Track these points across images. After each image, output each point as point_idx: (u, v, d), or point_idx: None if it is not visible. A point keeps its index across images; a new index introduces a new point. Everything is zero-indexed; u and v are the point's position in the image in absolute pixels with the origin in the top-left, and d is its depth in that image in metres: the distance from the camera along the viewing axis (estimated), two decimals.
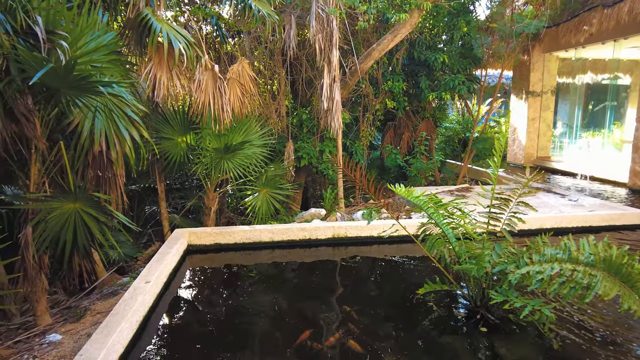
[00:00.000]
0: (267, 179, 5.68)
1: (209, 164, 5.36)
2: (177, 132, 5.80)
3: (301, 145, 7.17)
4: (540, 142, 12.42)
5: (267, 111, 7.21)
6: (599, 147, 13.10)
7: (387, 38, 6.94)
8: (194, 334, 3.16)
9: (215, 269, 4.53)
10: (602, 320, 3.25)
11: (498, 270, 2.95)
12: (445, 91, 8.57)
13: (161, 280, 3.80)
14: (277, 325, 3.26)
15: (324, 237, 5.07)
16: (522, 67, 12.08)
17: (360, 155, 8.40)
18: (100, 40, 3.68)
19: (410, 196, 3.24)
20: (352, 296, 3.85)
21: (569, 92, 13.36)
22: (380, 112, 8.95)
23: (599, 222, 5.70)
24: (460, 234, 3.31)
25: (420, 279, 4.02)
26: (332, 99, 6.05)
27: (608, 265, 2.44)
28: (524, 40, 9.02)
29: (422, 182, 8.56)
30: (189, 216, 7.53)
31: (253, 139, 5.58)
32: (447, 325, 3.19)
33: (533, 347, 2.85)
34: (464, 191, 7.22)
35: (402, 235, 3.92)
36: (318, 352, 2.86)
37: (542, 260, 2.72)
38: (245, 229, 4.92)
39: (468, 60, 9.11)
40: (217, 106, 5.11)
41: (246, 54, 7.54)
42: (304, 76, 7.68)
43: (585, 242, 2.74)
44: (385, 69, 8.87)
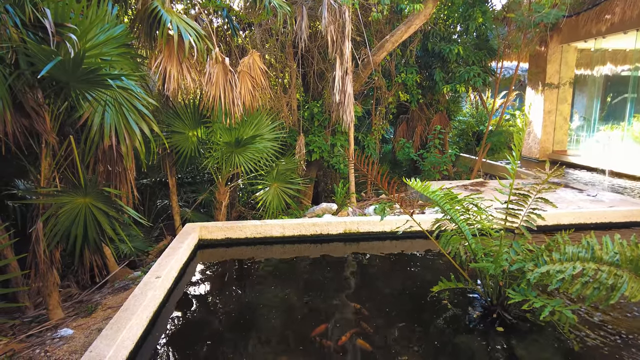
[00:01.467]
0: (278, 173, 5.62)
1: (220, 158, 5.32)
2: (188, 126, 5.77)
3: (312, 139, 7.09)
4: (556, 136, 12.14)
5: (278, 104, 7.14)
6: (618, 140, 12.75)
7: (400, 29, 6.79)
8: (204, 329, 3.13)
9: (226, 263, 4.50)
10: (626, 322, 3.12)
11: (516, 269, 2.85)
12: (460, 83, 8.39)
13: (172, 275, 3.78)
14: (288, 321, 3.22)
15: (336, 233, 5.00)
16: (539, 59, 11.78)
17: (373, 149, 8.29)
18: (109, 33, 3.64)
19: (427, 191, 3.14)
20: (364, 293, 3.78)
21: (586, 84, 13.01)
22: (393, 105, 8.81)
23: (620, 219, 5.53)
24: (476, 230, 3.21)
25: (434, 276, 3.93)
26: (344, 92, 5.95)
27: (635, 265, 2.32)
28: (542, 30, 8.78)
29: (436, 176, 8.42)
30: (201, 210, 7.53)
31: (264, 132, 5.52)
32: (462, 324, 3.10)
33: (552, 348, 2.75)
34: (479, 186, 7.07)
35: (416, 231, 3.83)
36: (328, 350, 2.80)
37: (563, 259, 2.62)
38: (256, 224, 4.87)
39: (483, 51, 8.90)
40: (228, 100, 5.05)
41: (257, 46, 7.46)
42: (315, 69, 7.57)
43: (609, 240, 2.62)
44: (398, 61, 8.72)
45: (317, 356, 2.76)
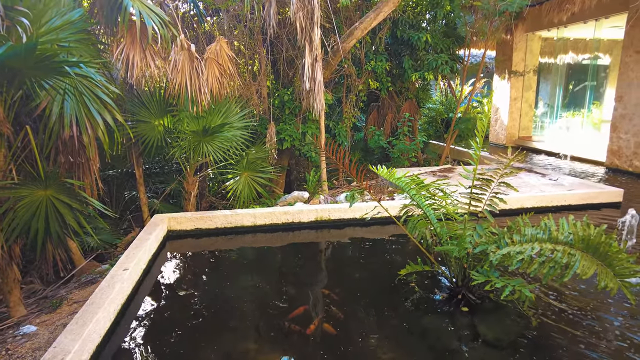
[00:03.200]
0: (248, 162, 5.57)
1: (187, 147, 5.22)
2: (154, 115, 5.62)
3: (283, 127, 7.04)
4: (522, 122, 12.52)
5: (247, 92, 7.04)
6: (579, 126, 13.29)
7: (369, 16, 6.79)
8: (174, 320, 3.11)
9: (197, 254, 4.46)
10: (579, 298, 3.30)
11: (479, 251, 2.95)
12: (428, 71, 8.49)
13: (140, 267, 3.72)
14: (259, 310, 3.23)
15: (307, 220, 5.03)
16: (505, 47, 12.06)
17: (344, 137, 8.33)
18: (66, 17, 3.48)
19: (392, 177, 3.19)
20: (335, 278, 3.84)
21: (550, 72, 13.45)
22: (363, 93, 8.84)
23: (578, 201, 5.79)
24: (441, 214, 3.29)
25: (402, 260, 4.02)
26: (314, 80, 5.92)
27: (586, 244, 2.45)
28: (507, 19, 8.95)
29: (405, 163, 8.55)
30: (170, 201, 7.40)
31: (233, 121, 5.44)
32: (429, 306, 3.20)
33: (513, 325, 2.89)
34: (447, 172, 7.24)
35: (385, 217, 3.91)
36: (299, 336, 2.84)
37: (523, 241, 2.73)
38: (226, 214, 4.83)
39: (451, 39, 9.02)
40: (195, 87, 4.95)
41: (225, 33, 7.30)
42: (285, 56, 7.50)
43: (564, 221, 2.75)
44: (368, 49, 8.73)
45: (288, 343, 2.79)
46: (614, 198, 5.93)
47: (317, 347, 2.73)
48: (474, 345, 2.70)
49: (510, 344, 2.70)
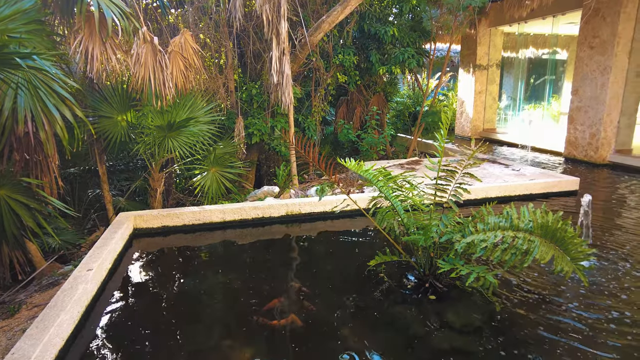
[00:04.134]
0: (215, 158, 5.47)
1: (152, 143, 5.08)
2: (117, 110, 5.44)
3: (252, 121, 6.96)
4: (486, 115, 12.90)
5: (214, 86, 6.91)
6: (539, 119, 13.81)
7: (336, 10, 6.79)
8: (143, 319, 3.04)
9: (165, 252, 4.37)
10: (539, 282, 3.45)
11: (445, 240, 3.03)
12: (395, 65, 8.59)
13: (105, 267, 3.61)
14: (231, 306, 3.21)
15: (278, 215, 5.01)
16: (470, 41, 12.36)
17: (313, 131, 8.33)
18: (17, 6, 3.30)
19: (360, 170, 3.23)
20: (306, 272, 3.85)
21: (513, 66, 13.88)
22: (332, 86, 8.86)
23: (539, 190, 6.04)
24: (409, 206, 3.36)
25: (372, 251, 4.07)
26: (282, 73, 5.88)
27: (545, 231, 2.56)
28: (471, 13, 9.17)
29: (374, 156, 8.65)
30: (136, 199, 7.19)
31: (199, 115, 5.33)
32: (398, 295, 3.26)
33: (478, 311, 2.99)
34: (414, 164, 7.37)
35: (355, 210, 3.94)
36: (271, 330, 2.84)
37: (486, 229, 2.82)
38: (194, 210, 4.75)
39: (417, 33, 9.15)
40: (159, 81, 4.81)
41: (190, 26, 7.13)
42: (252, 49, 7.40)
43: (525, 209, 2.86)
44: (336, 42, 8.73)
45: (259, 338, 2.78)
46: (571, 186, 6.22)
47: (288, 340, 2.74)
48: (442, 332, 2.78)
49: (476, 330, 2.79)
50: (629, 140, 8.71)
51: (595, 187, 6.84)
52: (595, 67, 8.41)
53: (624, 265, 3.76)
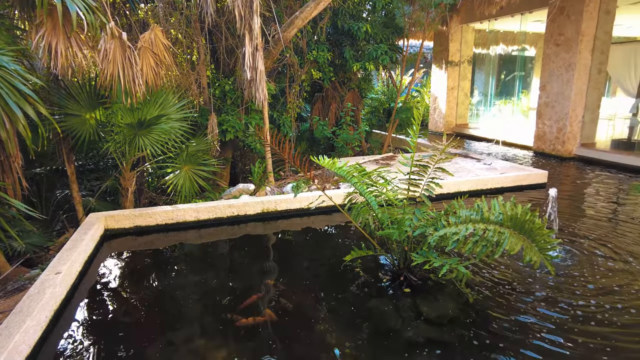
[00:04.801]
0: (188, 155, 5.37)
1: (123, 141, 4.95)
2: (85, 108, 5.27)
3: (225, 118, 6.87)
4: (458, 110, 13.15)
5: (186, 82, 6.77)
6: (510, 114, 14.18)
7: (310, 5, 6.76)
8: (116, 322, 2.97)
9: (138, 253, 4.28)
10: (509, 272, 3.55)
11: (418, 234, 3.08)
12: (369, 61, 8.63)
13: (75, 270, 3.51)
14: (206, 306, 3.17)
15: (253, 213, 4.97)
16: (442, 38, 12.55)
17: (288, 128, 8.29)
18: None
19: (334, 167, 3.24)
20: (283, 269, 3.84)
21: (484, 63, 14.19)
22: (306, 82, 8.83)
23: (510, 183, 6.20)
24: (383, 201, 3.39)
25: (348, 246, 4.10)
26: (255, 69, 5.81)
27: (514, 222, 2.63)
28: (442, 10, 9.30)
29: (350, 152, 8.69)
30: (107, 199, 6.99)
31: (170, 112, 5.22)
32: (374, 289, 3.30)
33: (451, 303, 3.05)
34: (389, 160, 7.45)
35: (331, 206, 3.96)
36: (246, 327, 2.82)
37: (458, 222, 2.88)
38: (167, 209, 4.66)
39: (391, 29, 9.22)
40: (128, 78, 4.68)
41: (160, 21, 6.96)
42: (225, 45, 7.29)
43: (495, 202, 2.93)
44: (310, 38, 8.70)
45: (236, 336, 2.76)
46: (540, 179, 6.42)
47: (265, 337, 2.73)
48: (417, 324, 2.82)
49: (450, 321, 2.85)
50: (592, 135, 9.05)
51: (562, 179, 7.08)
52: (561, 63, 8.69)
53: (588, 253, 3.91)
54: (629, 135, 8.64)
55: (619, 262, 3.72)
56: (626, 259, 3.79)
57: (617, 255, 3.86)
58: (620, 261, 3.74)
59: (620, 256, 3.85)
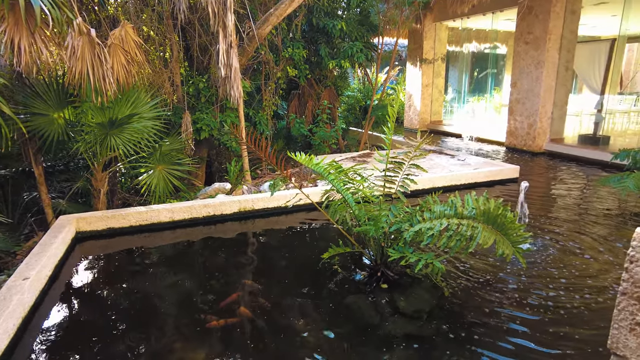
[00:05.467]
0: (162, 155, 5.26)
1: (93, 141, 4.80)
2: (52, 107, 5.08)
3: (200, 116, 6.76)
4: (433, 107, 13.35)
5: (159, 80, 6.63)
6: (483, 110, 14.50)
7: (284, 2, 6.72)
8: (88, 327, 2.89)
9: (111, 255, 4.17)
10: (483, 265, 3.64)
11: (394, 230, 3.11)
12: (345, 59, 8.66)
13: (44, 274, 3.39)
14: (182, 308, 3.12)
15: (230, 212, 4.92)
16: (416, 36, 12.70)
17: (265, 126, 8.23)
18: None
19: (311, 164, 3.23)
20: (261, 268, 3.82)
21: (457, 60, 14.45)
22: (282, 80, 8.79)
23: (483, 179, 6.35)
24: (360, 198, 3.41)
25: (326, 244, 4.10)
26: (229, 66, 5.74)
27: (487, 217, 2.69)
28: (416, 8, 9.42)
29: (327, 150, 8.70)
30: (78, 200, 6.78)
31: (143, 111, 5.09)
32: (352, 286, 3.32)
33: (428, 297, 3.10)
34: (365, 157, 7.50)
35: (309, 204, 3.95)
36: (224, 329, 2.79)
37: (433, 217, 2.92)
38: (141, 210, 4.56)
39: (366, 27, 9.27)
40: (98, 76, 4.54)
41: (131, 17, 6.79)
42: (198, 42, 7.17)
43: (469, 197, 2.99)
44: (285, 36, 8.66)
45: (215, 337, 2.73)
46: (512, 174, 6.60)
47: (245, 337, 2.71)
48: (394, 318, 2.86)
49: (426, 315, 2.90)
50: (561, 130, 9.36)
51: (533, 173, 7.29)
52: (530, 61, 8.93)
53: (558, 244, 4.04)
54: (594, 131, 8.96)
55: (587, 252, 3.86)
56: (593, 248, 3.94)
57: (584, 245, 4.01)
58: (587, 251, 3.89)
59: (588, 246, 4.00)
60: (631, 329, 1.13)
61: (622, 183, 4.84)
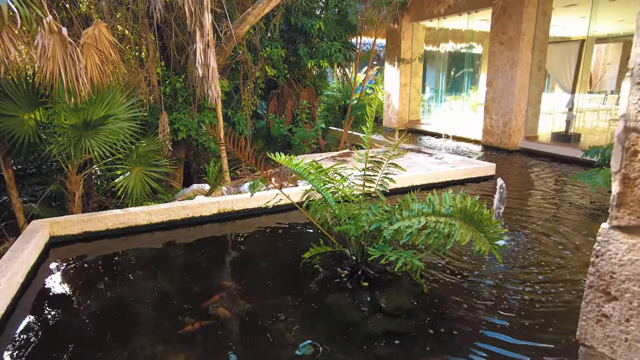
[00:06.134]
0: (138, 156, 5.16)
1: (67, 143, 4.67)
2: (22, 108, 4.92)
3: (177, 116, 6.66)
4: (411, 107, 13.51)
5: (135, 80, 6.50)
6: (460, 109, 14.76)
7: (262, 2, 6.69)
8: (64, 335, 2.81)
9: (88, 260, 4.07)
10: (461, 262, 3.71)
11: (374, 228, 3.14)
12: (323, 59, 8.68)
13: (16, 282, 3.29)
14: (162, 311, 3.07)
15: (209, 214, 4.87)
16: (394, 36, 12.83)
17: (244, 126, 8.17)
18: None
19: (290, 164, 3.23)
20: (241, 270, 3.80)
21: (434, 60, 14.66)
22: (261, 80, 8.74)
23: (460, 176, 6.46)
24: (340, 197, 3.43)
25: (307, 244, 4.11)
26: (207, 66, 5.67)
27: (464, 214, 2.74)
28: (393, 8, 9.51)
29: (306, 149, 8.70)
30: (52, 204, 6.59)
31: (118, 112, 4.99)
32: (333, 284, 3.33)
33: (407, 294, 3.14)
34: (345, 156, 7.54)
35: (289, 204, 3.95)
36: (206, 331, 2.77)
37: (411, 216, 2.96)
38: (118, 213, 4.47)
39: (344, 27, 9.31)
40: (71, 76, 4.42)
41: (105, 16, 6.63)
42: (175, 41, 7.06)
43: (446, 195, 3.05)
44: (263, 35, 8.61)
45: (194, 340, 2.70)
46: (488, 172, 6.74)
47: (227, 339, 2.69)
48: (375, 316, 2.88)
49: (406, 312, 2.94)
50: (535, 128, 9.61)
51: (509, 171, 7.47)
52: (505, 61, 9.14)
53: (532, 240, 4.15)
54: (566, 129, 9.24)
55: (562, 247, 3.98)
56: (568, 243, 4.06)
57: (559, 240, 4.13)
58: (562, 245, 4.01)
59: (563, 241, 4.12)
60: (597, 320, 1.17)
61: (593, 179, 5.00)
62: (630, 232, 1.07)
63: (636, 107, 0.95)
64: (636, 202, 1.02)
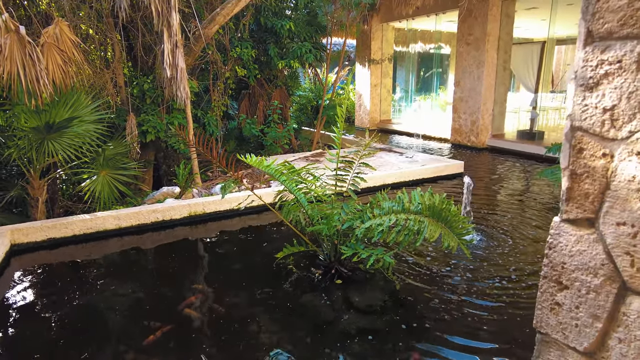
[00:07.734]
0: (105, 159, 5.02)
1: (28, 146, 4.50)
2: None
3: (145, 118, 6.51)
4: (382, 107, 13.69)
5: (100, 81, 6.32)
6: (429, 109, 15.05)
7: (231, 2, 6.63)
8: (30, 348, 2.71)
9: (53, 267, 3.94)
10: (430, 258, 3.80)
11: (346, 227, 3.18)
12: (294, 59, 8.68)
13: None
14: (133, 318, 3.01)
15: (180, 217, 4.80)
16: (364, 36, 12.97)
17: (214, 127, 8.07)
18: None
19: (262, 166, 3.23)
20: (214, 272, 3.77)
21: (404, 60, 14.90)
22: (231, 80, 8.66)
23: (430, 175, 6.61)
24: (312, 197, 3.46)
25: (280, 244, 4.11)
26: (175, 66, 5.58)
27: (432, 211, 2.82)
28: (363, 9, 9.61)
29: (279, 150, 8.68)
30: (13, 211, 6.32)
31: (84, 114, 4.83)
32: (307, 284, 3.36)
33: (380, 291, 3.20)
34: (318, 156, 7.57)
35: (262, 205, 3.94)
36: (176, 337, 2.73)
37: (382, 214, 3.02)
38: (84, 218, 4.35)
39: (314, 27, 9.34)
40: (31, 77, 4.26)
41: (66, 14, 6.41)
42: (142, 41, 6.90)
43: (415, 193, 3.12)
44: (232, 35, 8.53)
45: (166, 345, 2.66)
46: (457, 170, 6.92)
47: (201, 341, 2.66)
48: (349, 314, 2.92)
49: (379, 309, 2.99)
50: (502, 126, 9.93)
51: (477, 168, 7.69)
52: (472, 61, 9.40)
53: (499, 235, 4.30)
54: (530, 127, 9.59)
55: (528, 241, 4.14)
56: (534, 237, 4.23)
57: (526, 234, 4.29)
58: (528, 240, 4.17)
59: (529, 235, 4.28)
60: (551, 309, 1.24)
61: (555, 175, 5.22)
62: (578, 225, 1.13)
63: (581, 107, 1.01)
64: (582, 196, 1.09)
